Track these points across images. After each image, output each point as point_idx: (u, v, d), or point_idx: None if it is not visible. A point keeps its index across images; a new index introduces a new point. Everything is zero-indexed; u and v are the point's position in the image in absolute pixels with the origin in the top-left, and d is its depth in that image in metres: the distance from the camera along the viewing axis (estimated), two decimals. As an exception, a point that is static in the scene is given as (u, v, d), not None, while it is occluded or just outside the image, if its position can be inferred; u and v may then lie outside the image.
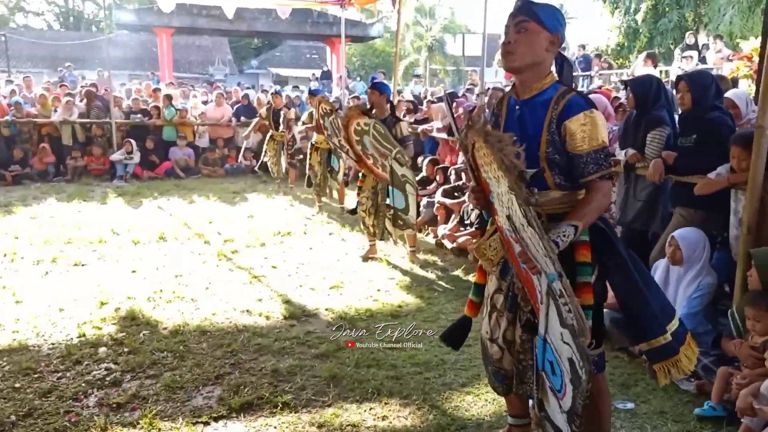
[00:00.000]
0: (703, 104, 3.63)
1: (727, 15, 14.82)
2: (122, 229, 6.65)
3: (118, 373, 3.33)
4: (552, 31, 2.03)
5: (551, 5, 2.08)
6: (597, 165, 1.99)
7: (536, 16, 2.01)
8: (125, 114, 11.12)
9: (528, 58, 2.04)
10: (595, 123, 1.97)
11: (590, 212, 2.01)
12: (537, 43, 2.02)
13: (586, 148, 1.97)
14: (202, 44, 33.41)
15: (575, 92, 2.05)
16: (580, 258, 2.05)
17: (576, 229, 1.95)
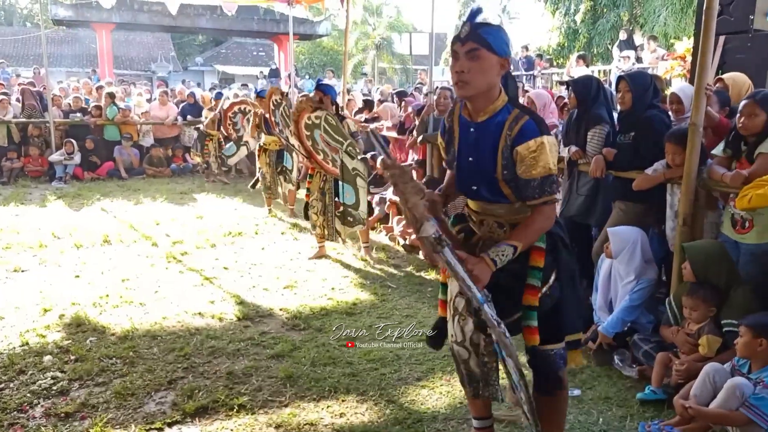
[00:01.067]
0: (642, 103, 3.79)
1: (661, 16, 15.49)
2: (64, 232, 6.41)
3: (65, 382, 3.22)
4: (502, 55, 2.03)
5: (497, 27, 2.08)
6: (541, 191, 2.05)
7: (486, 42, 1.99)
8: (64, 113, 10.68)
9: (483, 86, 2.05)
10: (544, 150, 2.00)
11: (531, 233, 2.09)
12: (490, 70, 2.02)
13: (533, 174, 2.02)
14: (143, 40, 32.43)
15: (528, 116, 2.05)
16: (532, 262, 2.16)
17: (515, 249, 2.04)
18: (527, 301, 2.15)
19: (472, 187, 2.21)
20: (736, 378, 2.58)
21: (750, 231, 3.21)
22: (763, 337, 2.57)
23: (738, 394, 2.48)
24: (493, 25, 2.09)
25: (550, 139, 2.03)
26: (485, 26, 2.03)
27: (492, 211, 2.23)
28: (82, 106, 10.89)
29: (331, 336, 3.86)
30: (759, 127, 3.12)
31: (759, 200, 2.93)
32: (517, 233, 2.09)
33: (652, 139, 3.64)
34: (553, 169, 2.03)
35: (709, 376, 2.67)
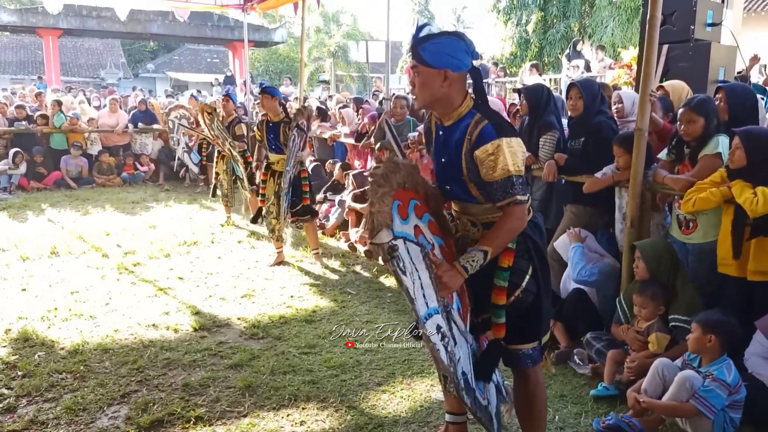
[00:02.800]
0: (592, 109, 3.93)
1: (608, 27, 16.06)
2: (9, 244, 6.16)
3: (12, 399, 3.10)
4: (439, 67, 2.07)
5: (439, 39, 2.10)
6: (504, 192, 2.06)
7: (421, 59, 2.08)
8: (9, 121, 10.27)
9: (428, 98, 2.14)
10: (501, 152, 2.01)
11: (500, 236, 2.11)
12: (430, 83, 2.10)
13: (494, 176, 2.05)
14: (92, 47, 31.58)
15: (488, 120, 2.07)
16: (500, 263, 2.18)
17: (485, 254, 2.05)
18: (495, 299, 2.21)
19: (446, 186, 2.28)
20: (686, 371, 2.68)
21: (695, 231, 3.36)
22: (713, 333, 2.68)
23: (688, 386, 2.58)
24: (434, 37, 2.12)
25: (511, 141, 2.03)
26: (425, 42, 2.09)
27: (466, 209, 2.27)
28: (28, 114, 10.49)
29: (291, 344, 3.83)
30: (699, 131, 3.27)
31: (702, 204, 3.09)
32: (487, 237, 2.13)
33: (601, 145, 3.76)
34: (512, 170, 2.03)
35: (658, 370, 2.77)
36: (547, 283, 2.31)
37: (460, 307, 2.20)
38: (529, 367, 2.33)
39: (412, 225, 2.04)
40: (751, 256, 2.96)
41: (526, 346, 2.30)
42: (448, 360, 1.87)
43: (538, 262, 2.25)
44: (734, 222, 3.01)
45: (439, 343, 1.85)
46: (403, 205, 2.03)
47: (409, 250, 1.94)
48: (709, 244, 3.27)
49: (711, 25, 4.76)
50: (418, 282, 1.89)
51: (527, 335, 2.30)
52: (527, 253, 2.23)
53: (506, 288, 2.20)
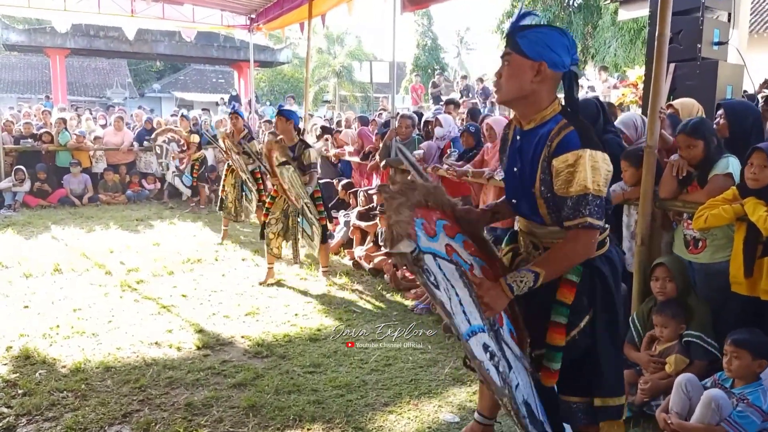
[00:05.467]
0: (595, 129, 3.90)
1: (611, 47, 16.20)
2: (12, 261, 6.12)
3: (12, 418, 3.04)
4: (535, 59, 1.87)
5: (540, 29, 1.92)
6: (575, 212, 1.82)
7: (517, 46, 1.89)
8: (15, 139, 10.32)
9: (513, 92, 1.94)
10: (583, 165, 1.79)
11: (558, 261, 1.88)
12: (520, 76, 1.90)
13: (570, 192, 1.82)
14: (98, 66, 31.88)
15: (574, 127, 1.85)
16: (560, 296, 1.97)
17: (536, 275, 1.82)
18: (551, 339, 1.98)
19: (513, 200, 2.10)
20: (712, 391, 2.61)
21: (703, 251, 3.31)
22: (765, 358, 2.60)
23: (714, 406, 2.52)
24: (537, 26, 1.93)
25: (595, 154, 1.81)
26: (524, 29, 1.91)
27: (530, 229, 2.08)
28: (33, 132, 10.54)
29: (295, 363, 3.76)
30: (700, 154, 3.24)
31: (714, 220, 3.04)
32: (543, 258, 1.90)
33: (609, 162, 3.73)
34: (591, 188, 1.79)
35: (682, 387, 2.71)
36: (610, 334, 2.03)
37: (513, 329, 2.02)
38: (582, 425, 2.10)
39: (442, 243, 1.89)
40: (763, 275, 2.91)
41: (581, 400, 2.07)
42: (501, 382, 1.69)
43: (600, 306, 1.99)
44: (746, 240, 2.96)
45: (487, 361, 1.66)
46: (429, 223, 1.89)
47: (441, 266, 1.78)
48: (716, 264, 3.23)
49: (718, 44, 4.76)
50: (456, 298, 1.72)
51: (579, 387, 2.06)
52: (591, 293, 1.98)
53: (565, 326, 1.96)
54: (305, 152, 5.28)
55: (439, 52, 30.40)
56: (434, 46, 30.04)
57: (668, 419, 2.70)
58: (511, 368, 1.81)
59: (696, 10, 4.68)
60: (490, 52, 20.96)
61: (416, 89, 16.27)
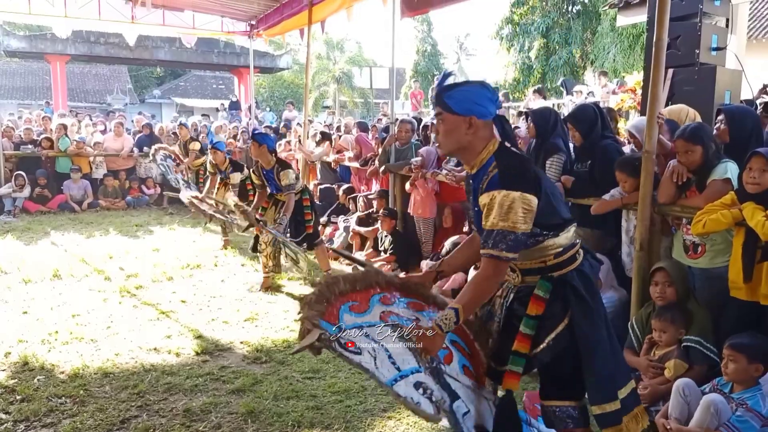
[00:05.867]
0: (591, 135, 3.92)
1: (610, 53, 16.24)
2: (11, 267, 6.12)
3: (10, 424, 3.03)
4: (465, 114, 2.06)
5: (464, 87, 2.11)
6: (485, 242, 2.02)
7: (447, 106, 2.08)
8: (15, 145, 10.33)
9: (451, 145, 2.13)
10: (494, 204, 1.97)
11: (471, 291, 2.06)
12: (455, 131, 2.08)
13: (485, 225, 2.01)
14: (99, 72, 31.95)
15: (498, 169, 2.04)
16: (529, 310, 2.13)
17: (456, 311, 2.00)
18: (516, 346, 2.13)
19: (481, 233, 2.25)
20: (711, 395, 2.61)
21: (702, 256, 3.31)
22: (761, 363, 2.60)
23: (713, 410, 2.51)
24: (460, 85, 2.12)
25: (509, 195, 1.96)
26: (450, 89, 2.09)
27: None
28: (34, 138, 10.56)
29: (294, 368, 3.75)
30: (698, 159, 3.25)
31: (712, 225, 3.03)
32: (460, 293, 2.08)
33: (607, 167, 3.74)
34: (499, 225, 1.96)
35: (680, 391, 2.71)
36: (593, 334, 2.12)
37: (468, 364, 2.23)
38: (569, 428, 2.16)
39: (376, 314, 2.16)
40: (763, 280, 2.91)
41: (563, 404, 2.16)
42: (434, 410, 1.85)
43: (578, 314, 2.10)
44: (745, 245, 2.96)
45: (416, 395, 1.85)
46: (361, 302, 2.18)
47: (369, 333, 2.03)
48: (716, 269, 3.23)
49: (716, 49, 4.77)
50: (384, 353, 1.95)
51: (563, 390, 2.16)
52: (565, 302, 2.12)
53: (530, 336, 2.12)
54: (283, 174, 5.29)
55: (438, 58, 30.45)
56: (434, 52, 30.09)
57: (667, 425, 2.69)
58: (456, 397, 2.01)
59: (694, 15, 4.69)
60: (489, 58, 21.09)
61: (415, 95, 16.30)
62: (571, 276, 2.14)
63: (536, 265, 2.16)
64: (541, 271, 2.16)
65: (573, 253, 2.17)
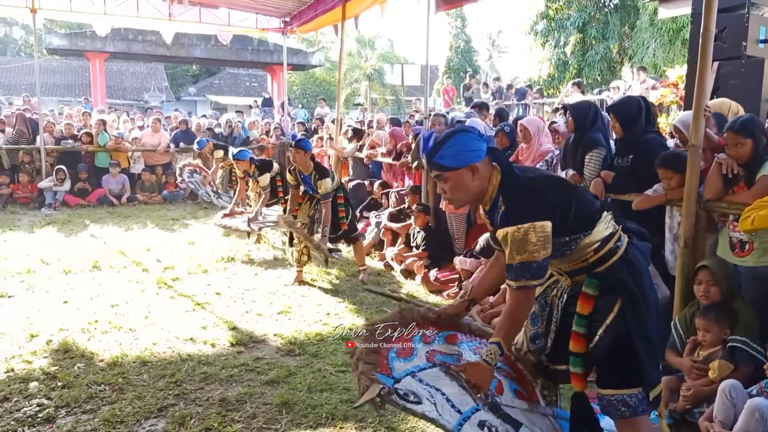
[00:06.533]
0: (633, 129, 3.81)
1: (650, 48, 15.82)
2: (52, 258, 6.28)
3: (52, 409, 3.10)
4: (466, 165, 2.07)
5: (448, 142, 2.08)
6: (508, 275, 2.08)
7: (444, 166, 2.08)
8: (56, 140, 10.62)
9: (464, 198, 2.17)
10: (509, 242, 2.01)
11: (506, 323, 2.11)
12: (462, 184, 2.10)
13: (507, 259, 2.06)
14: (136, 70, 32.61)
15: (504, 206, 2.09)
16: (578, 309, 2.17)
17: (499, 345, 2.07)
18: (572, 347, 2.17)
19: None
20: (756, 399, 2.51)
21: (750, 254, 3.19)
22: None
23: (758, 416, 2.41)
24: (445, 141, 2.08)
25: (521, 228, 2.00)
26: (438, 149, 2.08)
27: None
28: (74, 133, 10.83)
29: (327, 362, 3.76)
30: (747, 153, 3.13)
31: (761, 222, 2.91)
32: (496, 329, 2.15)
33: (650, 162, 3.63)
34: (517, 260, 2.01)
35: (726, 393, 2.62)
36: (642, 324, 2.11)
37: (518, 388, 2.29)
38: (627, 417, 2.12)
39: (422, 354, 2.21)
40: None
41: (622, 392, 2.12)
42: None
43: (627, 301, 2.10)
44: (796, 243, 2.84)
45: None
46: (405, 345, 2.22)
47: (422, 378, 2.07)
48: (764, 267, 3.11)
49: (764, 41, 4.60)
50: (442, 398, 1.99)
51: (620, 379, 2.13)
52: (613, 294, 2.12)
53: (584, 335, 2.15)
54: (320, 183, 5.33)
55: (472, 54, 30.20)
56: (467, 48, 29.86)
57: (711, 428, 2.60)
58: (519, 425, 2.08)
59: (741, 6, 4.55)
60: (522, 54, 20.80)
61: (448, 91, 16.20)
62: (616, 267, 2.13)
63: (579, 265, 2.18)
64: (585, 269, 2.18)
65: (613, 245, 2.15)
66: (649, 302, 2.16)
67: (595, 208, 2.18)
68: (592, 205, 2.19)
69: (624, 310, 2.10)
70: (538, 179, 2.16)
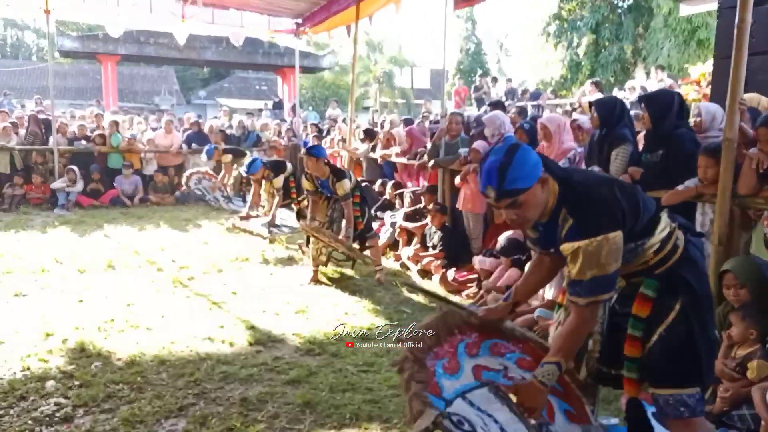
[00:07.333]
0: (663, 122, 3.71)
1: (664, 48, 15.69)
2: (66, 258, 6.25)
3: (69, 408, 3.04)
4: (534, 182, 1.93)
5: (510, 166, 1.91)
6: (572, 290, 1.97)
7: (516, 191, 1.92)
8: (69, 141, 10.62)
9: (537, 215, 2.01)
10: (578, 257, 1.90)
11: (566, 341, 2.01)
12: (535, 201, 1.96)
13: (571, 275, 1.96)
14: (147, 74, 32.79)
15: (572, 219, 1.96)
16: (635, 310, 2.07)
17: (558, 365, 1.97)
18: (627, 351, 2.08)
19: None
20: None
21: (786, 250, 3.08)
22: None
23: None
24: (508, 165, 1.91)
25: (593, 241, 1.87)
26: (507, 175, 1.90)
27: None
28: (87, 134, 10.83)
29: (348, 361, 3.68)
30: None
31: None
32: (554, 347, 2.03)
33: (681, 157, 3.54)
34: (589, 275, 1.89)
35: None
36: (704, 323, 2.05)
37: (568, 407, 2.18)
38: (684, 418, 2.04)
39: (468, 370, 2.09)
40: None
41: (681, 391, 2.04)
42: None
43: (689, 300, 2.03)
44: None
45: None
46: (450, 358, 2.09)
47: (473, 401, 1.97)
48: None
49: (793, 35, 4.49)
50: (495, 427, 1.89)
51: (679, 377, 2.04)
52: (674, 294, 2.04)
53: (640, 339, 2.06)
54: (338, 185, 5.29)
55: (482, 56, 30.14)
56: (477, 50, 29.80)
57: None
58: None
59: (770, 0, 4.43)
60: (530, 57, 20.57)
61: (459, 92, 16.09)
62: (678, 267, 2.05)
63: (638, 267, 2.08)
64: (644, 271, 2.08)
65: (672, 245, 2.05)
66: (709, 300, 2.09)
67: (654, 208, 2.07)
68: (653, 205, 2.08)
69: (686, 309, 2.01)
70: (599, 184, 2.02)
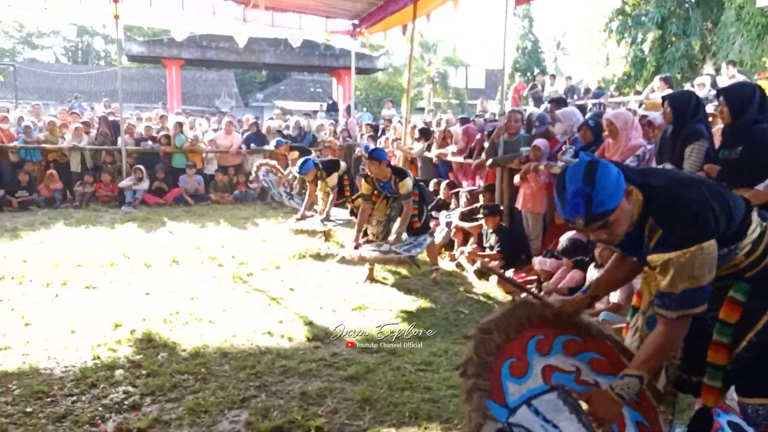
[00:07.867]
0: (743, 116, 3.50)
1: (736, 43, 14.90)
2: (133, 252, 6.49)
3: (137, 397, 3.13)
4: (622, 197, 1.83)
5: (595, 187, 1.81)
6: (664, 305, 1.85)
7: (608, 211, 1.81)
8: (136, 141, 11.06)
9: (626, 228, 1.91)
10: (668, 270, 1.80)
11: (650, 356, 1.88)
12: (624, 215, 1.87)
13: (661, 286, 1.85)
14: (208, 78, 33.85)
15: (662, 228, 1.86)
16: (723, 315, 1.96)
17: (641, 378, 1.86)
18: (712, 357, 1.98)
19: None
20: None
21: None
22: None
23: None
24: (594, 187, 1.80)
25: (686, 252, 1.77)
26: (591, 197, 1.80)
27: None
28: (153, 135, 11.24)
29: (406, 360, 3.65)
30: None
31: None
32: (638, 359, 1.90)
33: (762, 154, 3.32)
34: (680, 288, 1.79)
35: None
36: None
37: (639, 419, 2.08)
38: None
39: (537, 371, 1.99)
40: None
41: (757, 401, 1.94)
42: None
43: None
44: None
45: None
46: (519, 357, 1.99)
47: (539, 408, 1.88)
48: None
49: None
50: None
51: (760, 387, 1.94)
52: (765, 294, 1.93)
53: (727, 345, 1.95)
54: (401, 184, 5.28)
55: (539, 55, 29.54)
56: (534, 48, 29.23)
57: None
58: None
59: None
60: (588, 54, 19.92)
61: (518, 90, 15.75)
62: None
63: (728, 271, 1.95)
64: (734, 275, 1.96)
65: (765, 245, 1.93)
66: None
67: (744, 208, 1.93)
68: (743, 205, 1.93)
69: None
70: (684, 185, 1.89)
